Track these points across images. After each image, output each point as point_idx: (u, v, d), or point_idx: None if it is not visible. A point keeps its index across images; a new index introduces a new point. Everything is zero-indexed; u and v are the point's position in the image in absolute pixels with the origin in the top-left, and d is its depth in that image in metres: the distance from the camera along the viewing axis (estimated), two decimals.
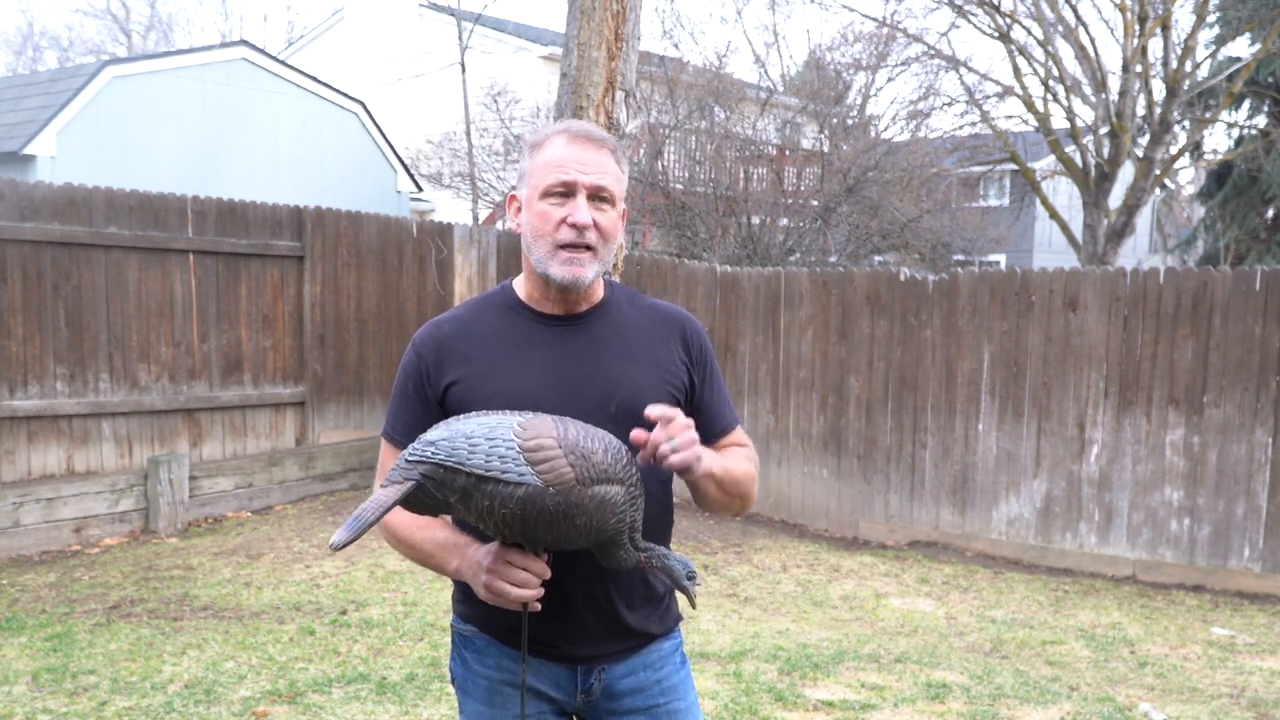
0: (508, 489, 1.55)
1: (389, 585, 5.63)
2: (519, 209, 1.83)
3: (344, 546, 1.53)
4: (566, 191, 1.74)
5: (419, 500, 1.61)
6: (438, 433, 1.61)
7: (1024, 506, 6.77)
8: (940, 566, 6.60)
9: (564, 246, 1.73)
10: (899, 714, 3.99)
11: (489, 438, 1.57)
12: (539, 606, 1.70)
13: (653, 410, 1.59)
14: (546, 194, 1.75)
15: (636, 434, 1.60)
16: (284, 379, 7.98)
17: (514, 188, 1.85)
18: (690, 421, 1.63)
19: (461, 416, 1.65)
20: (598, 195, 1.74)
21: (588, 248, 1.74)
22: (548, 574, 1.67)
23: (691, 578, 1.70)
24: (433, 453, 1.58)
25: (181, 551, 6.28)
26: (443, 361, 1.80)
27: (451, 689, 4.07)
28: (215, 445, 7.57)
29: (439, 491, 1.59)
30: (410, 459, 1.60)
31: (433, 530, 1.78)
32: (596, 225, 1.74)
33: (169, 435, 7.29)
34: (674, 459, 1.59)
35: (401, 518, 1.75)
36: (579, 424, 1.63)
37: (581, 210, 1.73)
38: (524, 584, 1.65)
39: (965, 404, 6.95)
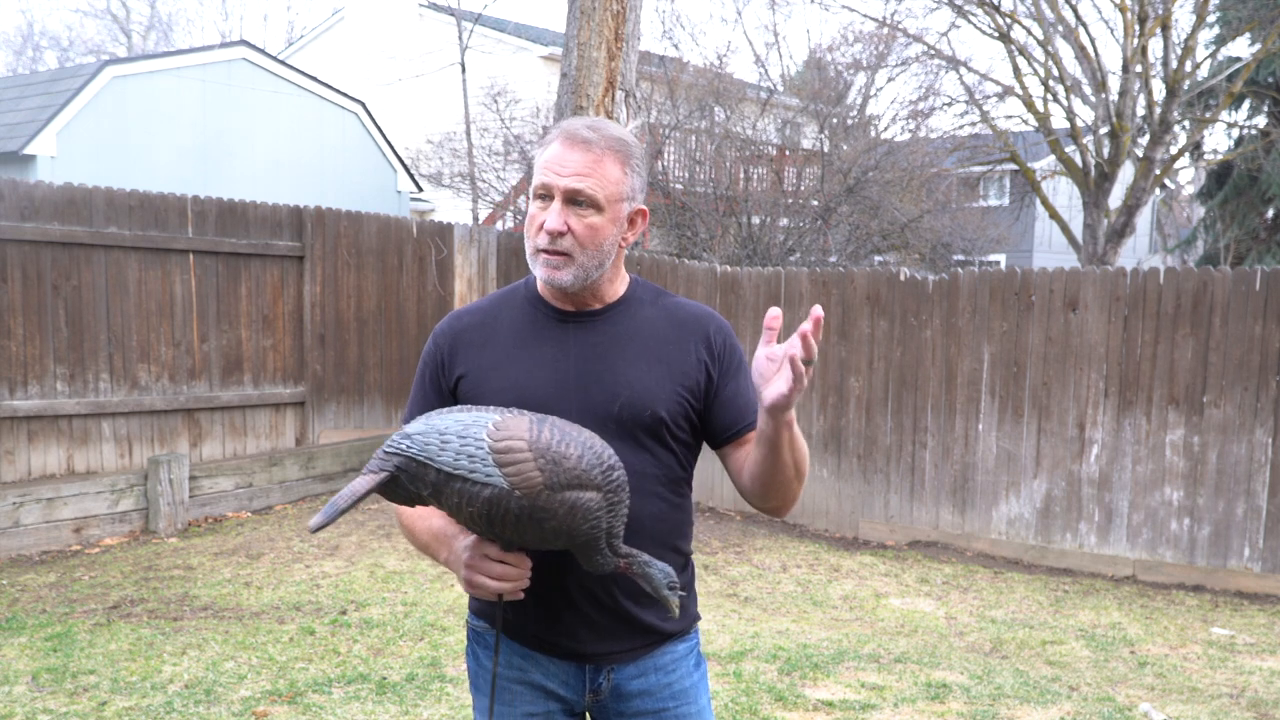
0: (475, 488, 1.56)
1: (389, 585, 5.63)
2: None
3: (319, 530, 1.56)
4: (546, 194, 1.73)
5: (394, 491, 1.64)
6: (416, 426, 1.63)
7: (1024, 506, 6.77)
8: (940, 566, 6.60)
9: (540, 251, 1.74)
10: (899, 714, 3.99)
11: (461, 435, 1.58)
12: (521, 596, 1.70)
13: (816, 312, 1.49)
14: (535, 195, 1.75)
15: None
16: (284, 379, 7.98)
17: None
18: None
19: (444, 410, 1.67)
20: (574, 199, 1.71)
21: (562, 253, 1.72)
22: (527, 566, 1.68)
23: (673, 587, 1.67)
24: (406, 446, 1.60)
25: (181, 551, 6.28)
26: (456, 353, 1.83)
27: (451, 689, 4.08)
28: (215, 445, 7.57)
29: (412, 485, 1.62)
30: (387, 450, 1.62)
31: (430, 520, 1.79)
32: (572, 231, 1.71)
33: (169, 435, 7.29)
34: (795, 387, 1.52)
35: (407, 507, 1.77)
36: (561, 425, 1.61)
37: (552, 216, 1.71)
38: (501, 577, 1.66)
39: (965, 404, 6.95)
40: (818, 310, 1.47)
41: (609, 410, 1.73)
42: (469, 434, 1.58)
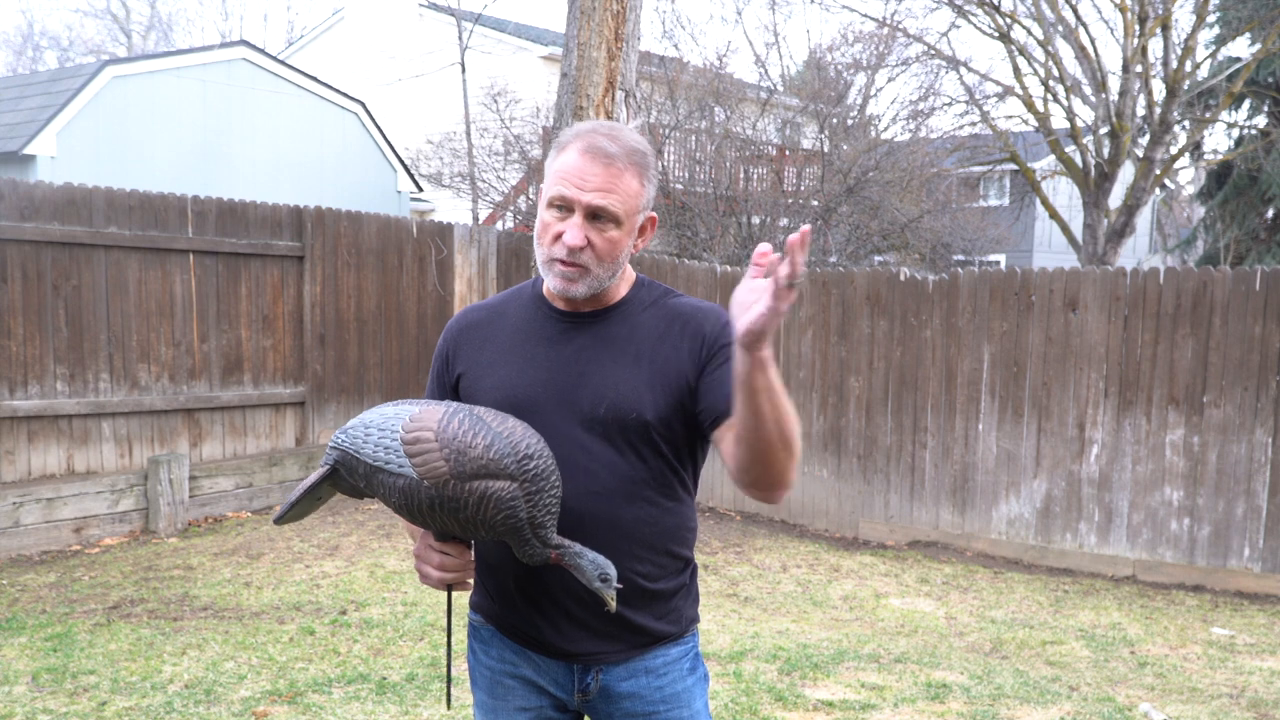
0: (391, 479, 1.61)
1: (389, 585, 5.63)
2: None
3: (282, 522, 1.65)
4: (565, 206, 1.71)
5: (339, 483, 1.71)
6: (354, 420, 1.69)
7: (1024, 506, 6.77)
8: (940, 566, 6.60)
9: (556, 261, 1.72)
10: (899, 714, 3.99)
11: (381, 428, 1.64)
12: (469, 587, 1.76)
13: (796, 235, 1.36)
14: (550, 203, 1.72)
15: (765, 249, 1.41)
16: (284, 379, 7.98)
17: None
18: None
19: (384, 404, 1.72)
20: (596, 215, 1.70)
21: (579, 266, 1.71)
22: (467, 557, 1.72)
23: (605, 580, 1.65)
24: (342, 440, 1.67)
25: (181, 551, 6.28)
26: (459, 350, 1.86)
27: (452, 689, 4.07)
28: (215, 445, 7.57)
29: (350, 477, 1.68)
30: (331, 444, 1.70)
31: None
32: (592, 245, 1.70)
33: (169, 435, 7.29)
34: (775, 304, 1.40)
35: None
36: (480, 416, 1.62)
37: (573, 231, 1.69)
38: (440, 567, 1.71)
39: (965, 404, 6.94)
40: (805, 227, 1.38)
41: (595, 412, 1.73)
42: (388, 426, 1.63)
